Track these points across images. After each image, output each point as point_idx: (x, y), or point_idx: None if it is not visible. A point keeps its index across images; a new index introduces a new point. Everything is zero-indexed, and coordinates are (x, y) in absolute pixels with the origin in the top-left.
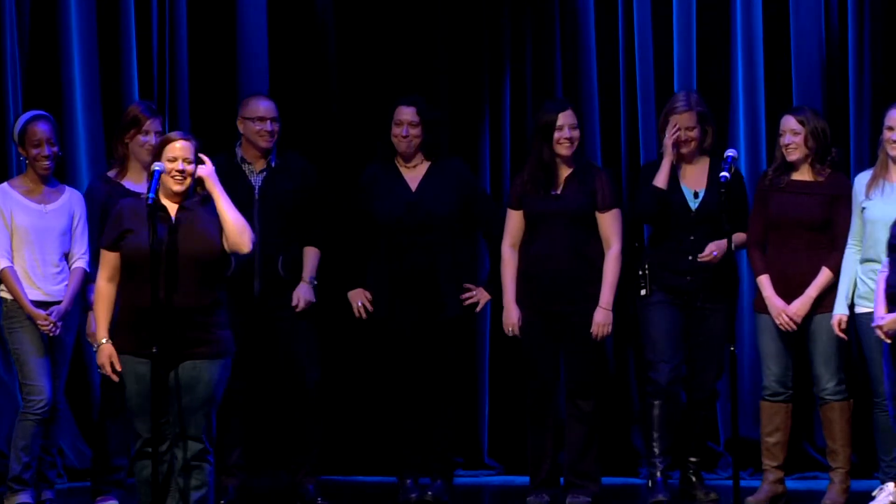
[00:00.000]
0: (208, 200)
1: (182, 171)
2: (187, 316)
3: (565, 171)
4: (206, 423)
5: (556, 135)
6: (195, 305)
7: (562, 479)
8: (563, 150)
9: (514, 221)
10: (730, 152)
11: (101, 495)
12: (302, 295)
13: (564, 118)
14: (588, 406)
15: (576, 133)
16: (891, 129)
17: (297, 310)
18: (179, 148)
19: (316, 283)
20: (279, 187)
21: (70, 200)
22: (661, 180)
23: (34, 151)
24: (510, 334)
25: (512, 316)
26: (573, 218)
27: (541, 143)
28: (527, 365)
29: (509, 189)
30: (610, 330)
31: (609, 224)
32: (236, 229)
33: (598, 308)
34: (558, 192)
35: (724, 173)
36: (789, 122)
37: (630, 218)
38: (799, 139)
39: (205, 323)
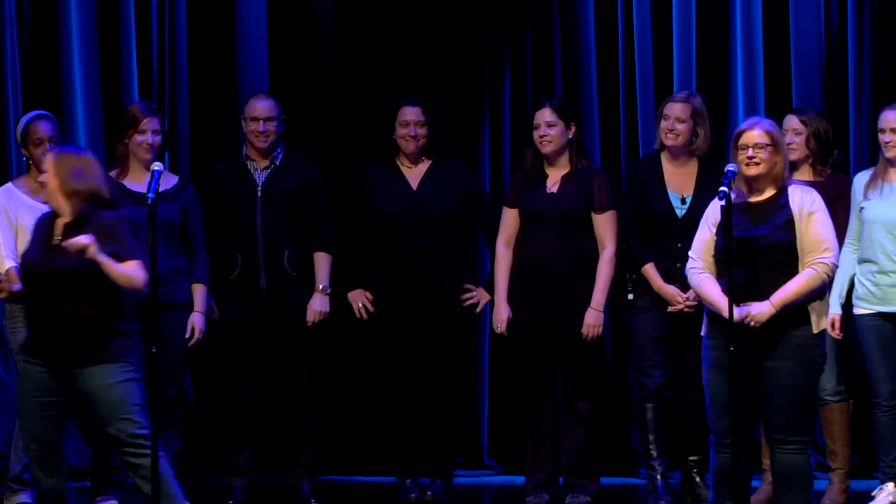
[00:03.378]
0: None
1: None
2: (71, 327)
3: (560, 171)
4: (129, 423)
5: (534, 134)
6: (77, 317)
7: (561, 480)
8: (542, 148)
9: (509, 219)
10: (730, 167)
11: (100, 495)
12: (316, 308)
13: (540, 117)
14: (585, 406)
15: (552, 131)
16: (882, 131)
17: (308, 324)
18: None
19: (330, 291)
20: (282, 184)
21: None
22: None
23: (37, 150)
24: (499, 332)
25: (501, 313)
26: (568, 218)
27: (529, 146)
28: (523, 364)
29: (507, 186)
30: (601, 331)
31: (604, 226)
32: (122, 283)
33: (589, 309)
34: (554, 191)
35: (722, 188)
36: (792, 122)
37: (620, 226)
38: (800, 139)
39: (91, 334)
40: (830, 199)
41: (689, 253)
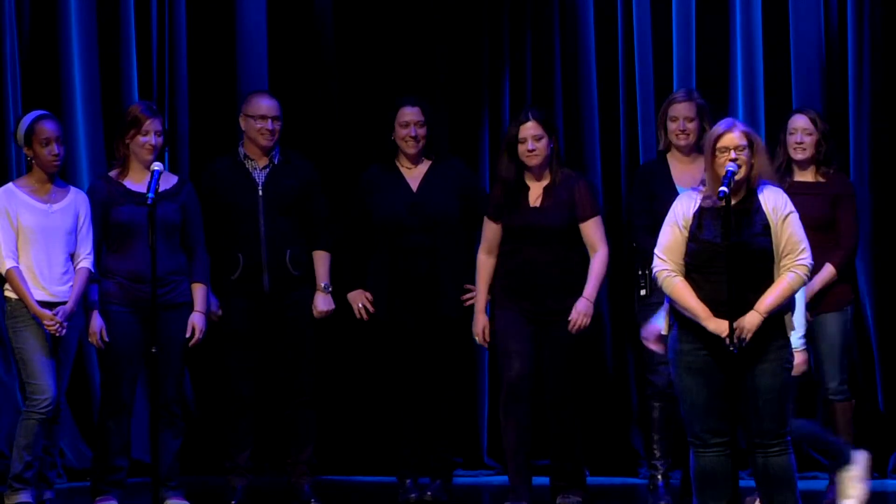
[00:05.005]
0: None
1: None
2: None
3: (542, 182)
4: None
5: (520, 148)
6: None
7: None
8: (529, 162)
9: (491, 231)
10: (730, 167)
11: (100, 495)
12: (320, 308)
13: (525, 131)
14: (567, 413)
15: (539, 144)
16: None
17: (317, 317)
18: None
19: (331, 288)
20: (282, 183)
21: (75, 200)
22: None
23: (44, 150)
24: (479, 342)
25: (479, 324)
26: (552, 231)
27: (507, 158)
28: (502, 358)
29: (488, 197)
30: (588, 322)
31: (592, 232)
32: None
33: (580, 298)
34: (538, 205)
35: (722, 188)
36: (801, 122)
37: (629, 230)
38: (811, 139)
39: None
40: (834, 199)
41: (656, 251)
